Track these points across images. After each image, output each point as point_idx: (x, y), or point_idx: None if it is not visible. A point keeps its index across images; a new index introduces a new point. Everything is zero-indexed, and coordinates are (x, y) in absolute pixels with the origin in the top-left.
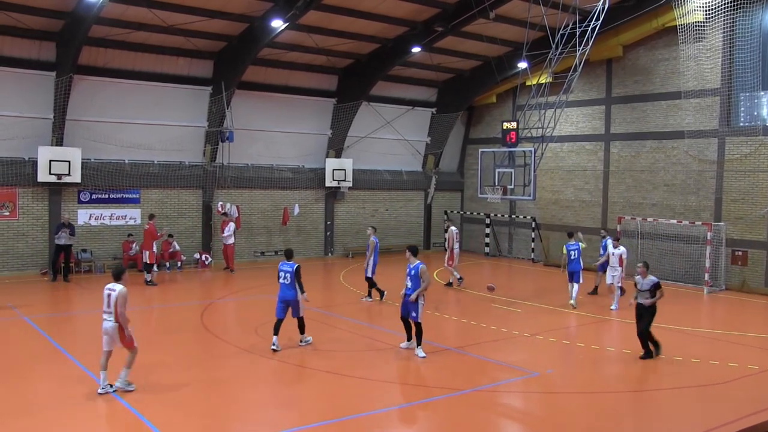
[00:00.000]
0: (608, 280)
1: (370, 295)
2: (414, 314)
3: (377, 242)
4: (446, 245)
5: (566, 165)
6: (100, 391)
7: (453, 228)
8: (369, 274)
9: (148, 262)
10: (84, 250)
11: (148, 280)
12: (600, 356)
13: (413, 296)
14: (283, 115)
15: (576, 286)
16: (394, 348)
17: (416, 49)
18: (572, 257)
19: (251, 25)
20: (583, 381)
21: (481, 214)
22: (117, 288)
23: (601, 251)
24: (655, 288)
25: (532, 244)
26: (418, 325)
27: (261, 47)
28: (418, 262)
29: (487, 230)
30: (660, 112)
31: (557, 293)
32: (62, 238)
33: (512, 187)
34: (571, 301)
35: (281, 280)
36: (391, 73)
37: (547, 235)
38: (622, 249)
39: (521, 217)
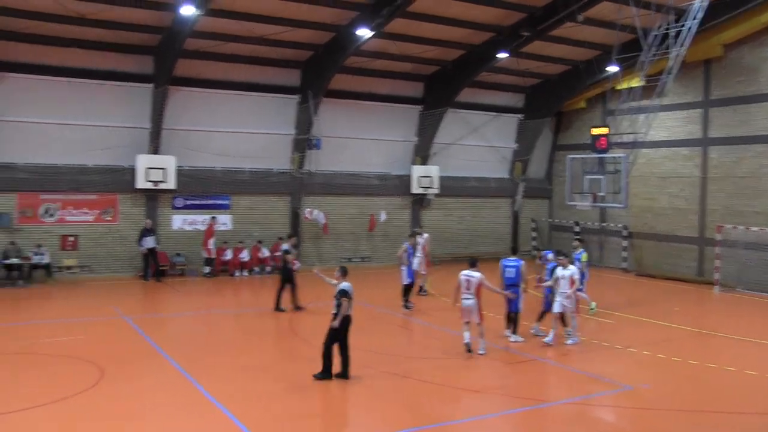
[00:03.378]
0: (556, 308)
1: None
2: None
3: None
4: (421, 253)
5: (660, 171)
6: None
7: (425, 234)
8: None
9: (206, 257)
10: (178, 254)
11: (206, 272)
12: (700, 372)
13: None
14: (370, 123)
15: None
16: (482, 357)
17: (503, 55)
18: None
19: (337, 34)
20: (680, 398)
21: (570, 221)
22: (475, 274)
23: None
24: (341, 296)
25: (624, 253)
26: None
27: (347, 56)
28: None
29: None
30: (767, 114)
31: (652, 304)
32: (149, 243)
33: (602, 194)
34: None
35: (506, 275)
36: (477, 79)
37: (640, 244)
38: (573, 269)
39: (612, 225)
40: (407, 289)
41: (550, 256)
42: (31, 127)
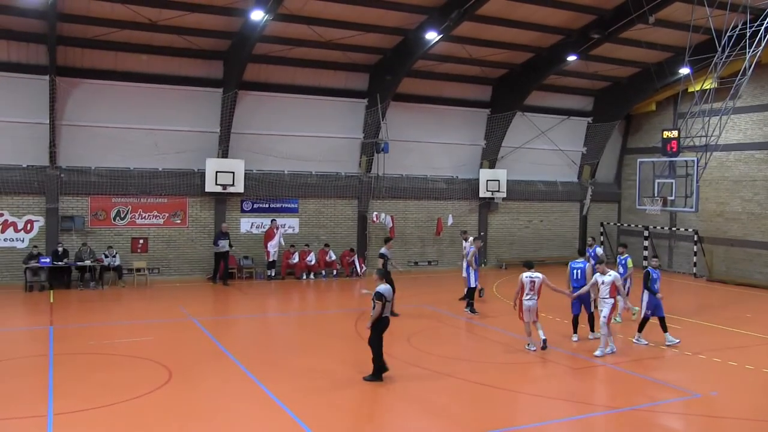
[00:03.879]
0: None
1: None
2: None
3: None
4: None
5: (733, 175)
6: (531, 348)
7: (472, 238)
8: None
9: (266, 259)
10: (246, 257)
11: (269, 275)
12: None
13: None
14: (437, 126)
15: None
16: (547, 361)
17: (572, 58)
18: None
19: (405, 37)
20: (751, 406)
21: (639, 226)
22: (538, 275)
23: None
24: (375, 298)
25: (695, 257)
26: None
27: (415, 59)
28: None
29: (646, 243)
30: None
31: (723, 310)
32: (224, 246)
33: (673, 198)
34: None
35: (573, 276)
36: (546, 82)
37: (711, 249)
38: (613, 274)
39: (682, 229)
40: (471, 293)
41: (599, 251)
42: (104, 131)
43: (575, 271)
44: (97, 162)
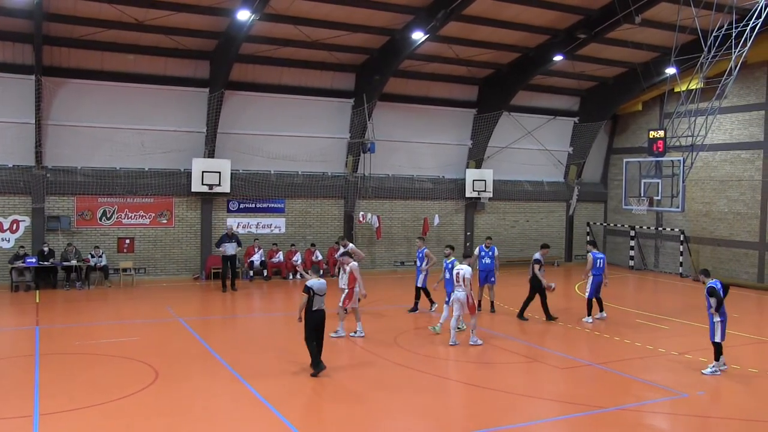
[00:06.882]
0: None
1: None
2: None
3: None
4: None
5: (719, 175)
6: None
7: (351, 245)
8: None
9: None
10: None
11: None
12: (758, 381)
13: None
14: (424, 126)
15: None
16: (533, 361)
17: (558, 58)
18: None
19: (392, 37)
20: (737, 406)
21: (626, 226)
22: (465, 268)
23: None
24: (303, 291)
25: (681, 257)
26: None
27: (402, 59)
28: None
29: (632, 243)
30: None
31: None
32: (229, 250)
33: (659, 198)
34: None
35: (597, 265)
36: (532, 82)
37: (697, 249)
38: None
39: (669, 229)
40: (418, 292)
41: (496, 252)
42: (90, 131)
43: (598, 260)
44: (83, 162)
